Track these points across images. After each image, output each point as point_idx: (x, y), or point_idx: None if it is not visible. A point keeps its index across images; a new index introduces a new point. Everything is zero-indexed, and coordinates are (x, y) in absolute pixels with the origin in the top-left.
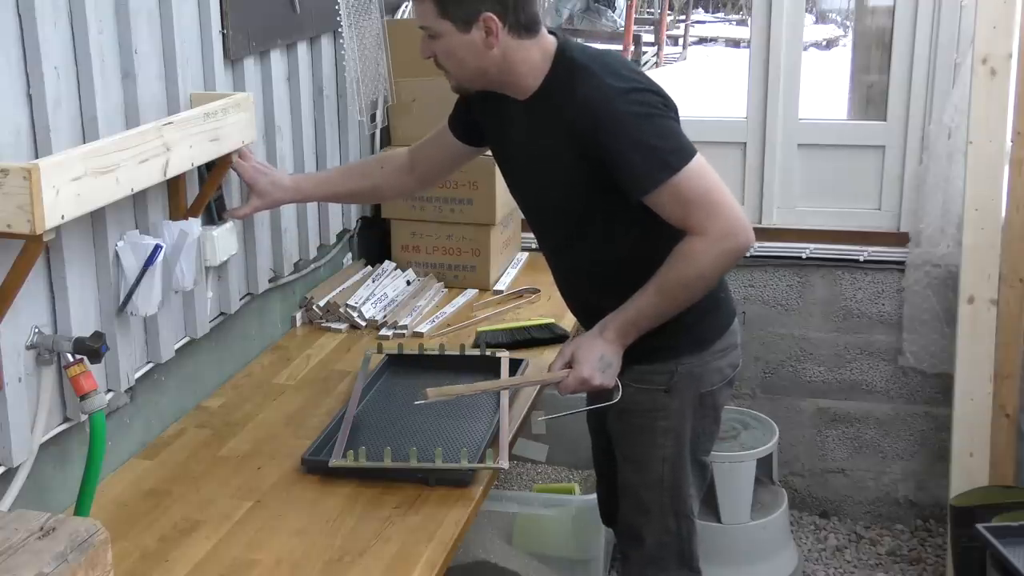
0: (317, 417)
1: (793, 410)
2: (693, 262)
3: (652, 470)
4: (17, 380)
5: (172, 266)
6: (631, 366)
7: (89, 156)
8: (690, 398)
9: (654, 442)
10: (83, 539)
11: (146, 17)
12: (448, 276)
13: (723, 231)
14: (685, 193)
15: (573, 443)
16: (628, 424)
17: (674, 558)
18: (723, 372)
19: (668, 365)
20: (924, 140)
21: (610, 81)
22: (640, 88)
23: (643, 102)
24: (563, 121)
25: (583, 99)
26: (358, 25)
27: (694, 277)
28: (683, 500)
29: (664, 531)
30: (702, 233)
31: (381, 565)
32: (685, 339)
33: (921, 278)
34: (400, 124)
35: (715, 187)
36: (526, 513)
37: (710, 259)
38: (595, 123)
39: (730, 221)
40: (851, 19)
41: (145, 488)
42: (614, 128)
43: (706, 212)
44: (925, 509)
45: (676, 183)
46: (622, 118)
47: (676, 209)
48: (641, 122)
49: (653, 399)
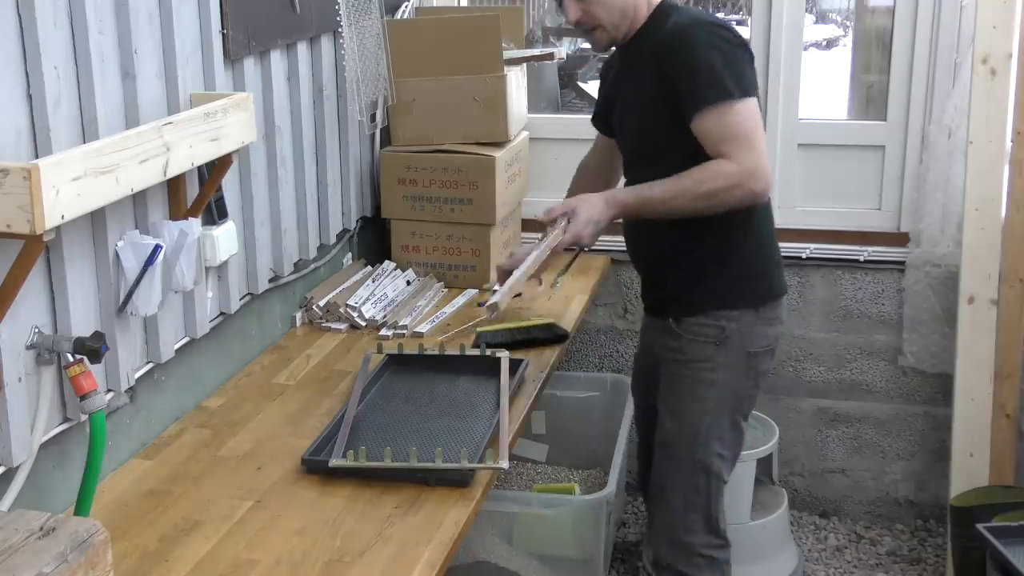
0: (317, 417)
1: (793, 410)
2: (715, 178)
3: (690, 422)
4: (17, 380)
5: (172, 266)
6: (685, 318)
7: (89, 156)
8: (737, 355)
9: (696, 393)
10: (83, 539)
11: (146, 17)
12: (448, 276)
13: (753, 170)
14: (731, 124)
15: (573, 443)
16: (677, 374)
17: (701, 521)
18: (769, 337)
19: (720, 320)
20: (924, 140)
21: (696, 18)
22: (720, 26)
23: (720, 36)
24: (648, 58)
25: (667, 30)
26: (358, 25)
27: (707, 192)
28: (713, 457)
29: (692, 488)
30: (735, 161)
31: (381, 565)
32: (735, 291)
33: (921, 278)
34: (400, 124)
35: (759, 132)
36: (526, 513)
37: (729, 184)
38: (671, 47)
39: (761, 166)
40: (851, 19)
41: (145, 488)
42: (686, 50)
43: (746, 148)
44: (925, 509)
45: (727, 110)
46: (696, 43)
47: (718, 136)
48: (712, 50)
49: (703, 351)
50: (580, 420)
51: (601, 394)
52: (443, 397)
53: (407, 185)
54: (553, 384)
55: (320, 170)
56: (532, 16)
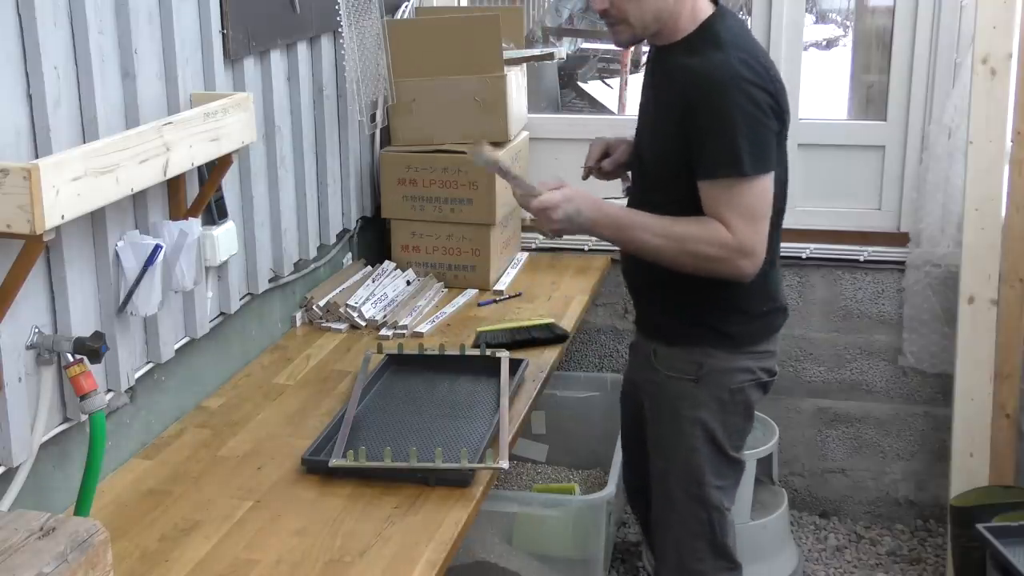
0: (317, 417)
1: (793, 410)
2: (709, 243)
3: (679, 460)
4: (17, 380)
5: (172, 266)
6: (662, 349)
7: (89, 156)
8: (718, 391)
9: (681, 430)
10: (83, 539)
11: (146, 17)
12: (448, 276)
13: (746, 248)
14: (737, 199)
15: (573, 443)
16: (659, 410)
17: (707, 548)
18: (753, 372)
19: (695, 355)
20: (924, 140)
21: (736, 65)
22: (759, 85)
23: (753, 98)
24: (679, 82)
25: (703, 70)
26: (358, 25)
27: (695, 252)
28: (710, 490)
29: (693, 520)
30: (733, 234)
31: (381, 565)
32: (711, 334)
33: (921, 278)
34: (400, 124)
35: (764, 213)
36: (526, 513)
37: (719, 256)
38: (701, 91)
39: (757, 248)
40: (851, 19)
41: (145, 488)
42: (713, 108)
43: (749, 224)
44: (925, 509)
45: (735, 185)
46: (725, 103)
47: (723, 205)
48: (739, 115)
49: (681, 388)
50: (580, 420)
51: (601, 394)
52: (443, 397)
53: (407, 185)
54: (553, 384)
55: (320, 170)
56: (532, 16)
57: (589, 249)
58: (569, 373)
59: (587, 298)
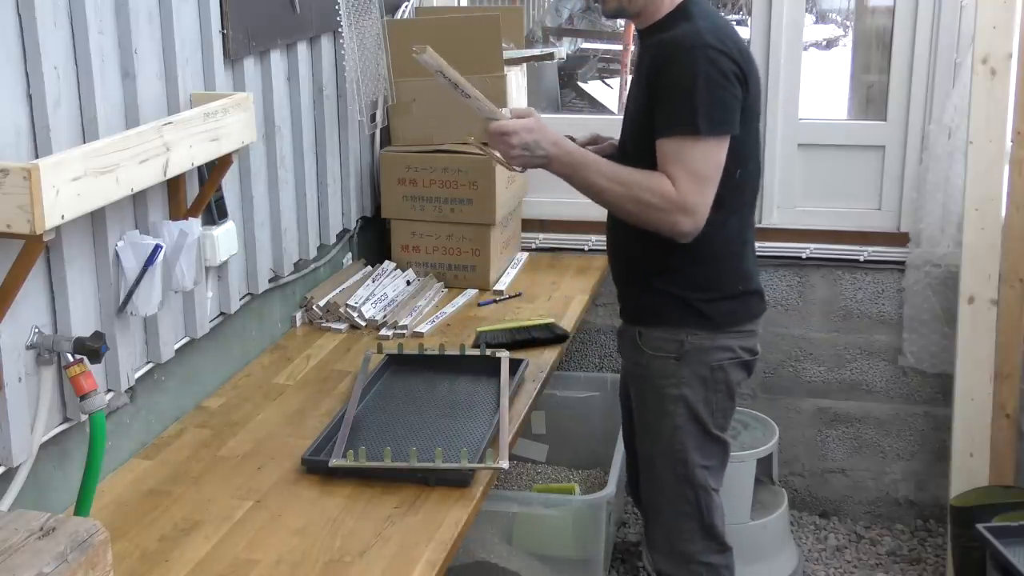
0: (317, 417)
1: (793, 410)
2: (652, 192)
3: (664, 439)
4: (17, 380)
5: (172, 266)
6: (646, 330)
7: (89, 156)
8: (700, 368)
9: (665, 409)
10: (83, 539)
11: (146, 17)
12: (448, 276)
13: (688, 205)
14: (688, 157)
15: (573, 443)
16: (644, 391)
17: (696, 530)
18: (734, 351)
19: (678, 334)
20: (924, 140)
21: (703, 34)
22: (723, 51)
23: (715, 63)
24: (652, 55)
25: (672, 39)
26: (358, 25)
27: (639, 199)
28: (695, 469)
29: (681, 501)
30: (677, 190)
31: (381, 565)
32: (691, 315)
33: (921, 278)
34: (400, 124)
35: (712, 176)
36: (526, 513)
37: (660, 206)
38: (667, 57)
39: (699, 208)
40: (851, 19)
41: (145, 488)
42: (676, 69)
43: (691, 182)
44: (925, 509)
45: (687, 143)
46: (687, 65)
47: (671, 163)
48: (701, 77)
49: (665, 367)
50: (580, 420)
51: (601, 394)
52: (443, 397)
53: (407, 185)
54: (553, 384)
55: (320, 170)
56: (532, 16)
57: (589, 249)
58: (569, 373)
59: (587, 298)
